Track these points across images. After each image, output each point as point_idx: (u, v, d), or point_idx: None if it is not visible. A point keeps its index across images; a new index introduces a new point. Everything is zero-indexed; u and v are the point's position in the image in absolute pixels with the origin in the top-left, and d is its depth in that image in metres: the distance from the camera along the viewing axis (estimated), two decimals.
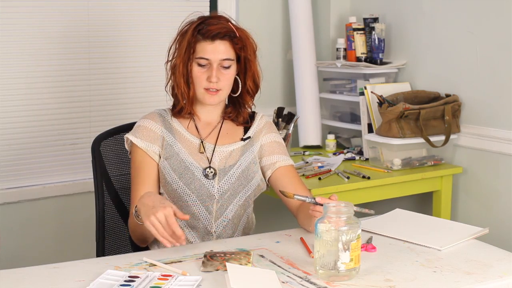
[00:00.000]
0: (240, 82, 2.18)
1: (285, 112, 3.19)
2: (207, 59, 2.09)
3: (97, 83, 3.15)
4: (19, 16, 2.95)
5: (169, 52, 2.18)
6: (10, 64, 2.96)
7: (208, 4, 3.39)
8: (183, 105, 2.15)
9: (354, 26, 3.37)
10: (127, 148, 2.19)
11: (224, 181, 2.14)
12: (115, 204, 2.30)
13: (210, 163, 2.14)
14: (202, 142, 2.16)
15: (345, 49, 3.42)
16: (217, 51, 2.09)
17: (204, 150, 2.15)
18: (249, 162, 2.18)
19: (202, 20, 2.13)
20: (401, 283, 1.70)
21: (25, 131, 3.02)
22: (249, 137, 2.21)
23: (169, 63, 2.17)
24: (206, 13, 3.32)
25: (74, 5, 3.06)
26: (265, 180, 2.21)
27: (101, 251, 2.26)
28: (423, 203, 3.27)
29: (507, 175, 2.94)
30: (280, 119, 3.15)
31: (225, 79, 2.11)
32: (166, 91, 2.22)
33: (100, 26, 3.14)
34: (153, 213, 1.80)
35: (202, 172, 2.12)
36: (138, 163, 2.14)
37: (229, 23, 2.14)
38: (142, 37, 3.23)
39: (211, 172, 2.13)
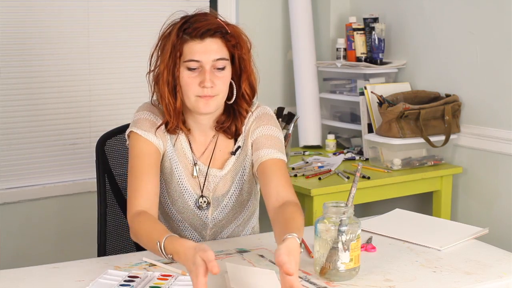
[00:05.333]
0: (234, 86, 1.92)
1: (285, 112, 3.18)
2: (197, 61, 1.84)
3: (97, 83, 3.15)
4: (19, 16, 2.96)
5: (150, 61, 1.92)
6: (10, 64, 2.96)
7: (208, 4, 3.39)
8: (168, 119, 1.91)
9: (354, 26, 3.37)
10: (127, 139, 1.99)
11: (218, 211, 2.00)
12: (120, 204, 2.29)
13: (202, 192, 1.98)
14: (195, 164, 1.97)
15: (345, 49, 3.42)
16: (209, 50, 1.84)
17: (197, 176, 1.97)
18: (243, 184, 2.00)
19: (187, 19, 1.88)
20: (401, 283, 1.70)
21: (25, 131, 3.02)
22: (239, 147, 1.99)
23: (151, 74, 1.92)
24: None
25: (74, 5, 3.06)
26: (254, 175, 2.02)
27: (103, 251, 2.26)
28: (423, 203, 3.27)
29: (507, 175, 2.94)
30: (280, 119, 3.14)
31: (221, 83, 1.86)
32: (152, 104, 1.98)
33: (100, 26, 3.14)
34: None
35: (195, 203, 1.98)
36: (139, 151, 1.91)
37: (218, 19, 1.89)
38: (142, 37, 3.23)
39: (204, 201, 1.97)
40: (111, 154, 2.29)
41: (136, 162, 1.91)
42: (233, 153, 2.00)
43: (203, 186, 1.98)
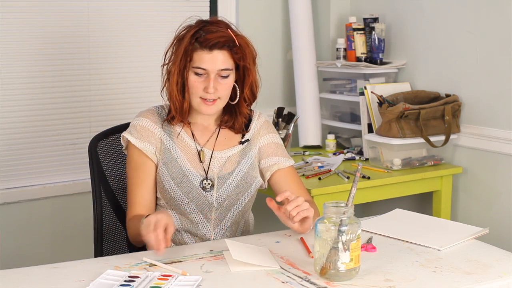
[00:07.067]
0: (238, 89, 2.11)
1: (285, 112, 3.19)
2: (204, 69, 2.03)
3: (97, 83, 3.15)
4: (19, 16, 2.96)
5: (165, 56, 2.11)
6: (10, 64, 2.96)
7: (208, 4, 3.39)
8: (174, 114, 2.10)
9: (354, 26, 3.37)
10: (122, 144, 2.15)
11: (223, 189, 2.11)
12: (112, 206, 2.29)
13: (207, 174, 2.10)
14: (200, 150, 2.12)
15: (345, 49, 3.42)
16: (215, 61, 2.03)
17: (203, 160, 2.11)
18: (248, 168, 2.15)
19: (200, 27, 2.05)
20: (401, 283, 1.70)
21: (25, 131, 3.02)
22: (247, 140, 2.17)
23: (165, 67, 2.11)
24: (206, 14, 3.36)
25: (74, 5, 3.06)
26: (265, 181, 2.20)
27: (99, 253, 2.26)
28: (423, 203, 3.27)
29: (507, 175, 2.94)
30: (280, 119, 3.15)
31: (223, 89, 2.05)
32: (162, 96, 2.14)
33: (100, 26, 3.14)
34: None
35: (199, 184, 2.09)
36: (135, 164, 2.11)
37: (229, 29, 2.06)
38: (142, 37, 3.23)
39: (208, 184, 2.09)
40: (104, 155, 2.28)
41: (133, 173, 2.12)
42: (241, 143, 2.17)
43: (208, 168, 2.11)
